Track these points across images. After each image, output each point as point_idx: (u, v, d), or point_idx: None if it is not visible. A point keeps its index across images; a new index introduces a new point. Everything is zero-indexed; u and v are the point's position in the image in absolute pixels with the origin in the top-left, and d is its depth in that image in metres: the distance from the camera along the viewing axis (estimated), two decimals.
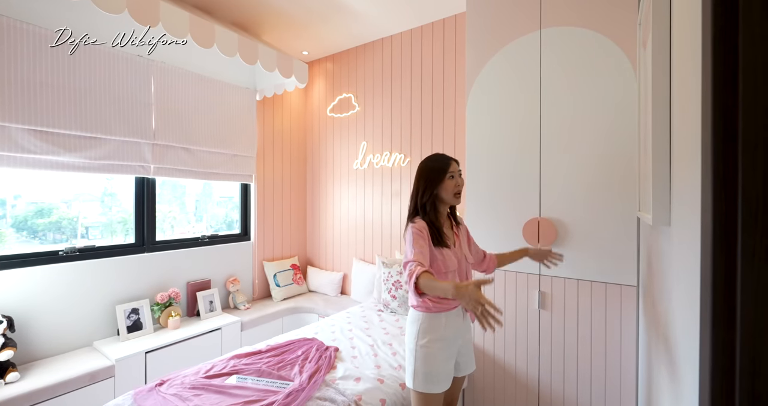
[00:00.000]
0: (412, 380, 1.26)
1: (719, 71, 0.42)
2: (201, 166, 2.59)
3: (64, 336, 1.99)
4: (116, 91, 2.13)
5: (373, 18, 2.62)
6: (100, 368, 1.83)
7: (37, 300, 1.91)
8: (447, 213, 1.40)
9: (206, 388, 1.42)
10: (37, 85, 1.85)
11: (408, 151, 2.82)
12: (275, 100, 3.20)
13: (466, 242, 1.43)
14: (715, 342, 0.42)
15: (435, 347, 1.24)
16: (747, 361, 0.40)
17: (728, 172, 0.41)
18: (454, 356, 1.31)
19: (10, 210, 2.00)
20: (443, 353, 1.26)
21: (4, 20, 1.74)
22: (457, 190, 1.32)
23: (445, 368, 1.26)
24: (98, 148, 2.08)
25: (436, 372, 1.23)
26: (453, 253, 1.32)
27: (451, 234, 1.38)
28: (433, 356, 1.24)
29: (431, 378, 1.23)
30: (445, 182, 1.31)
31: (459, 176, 1.34)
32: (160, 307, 2.31)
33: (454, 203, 1.35)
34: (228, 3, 2.38)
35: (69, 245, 2.11)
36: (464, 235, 1.44)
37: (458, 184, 1.32)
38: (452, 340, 1.29)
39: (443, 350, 1.26)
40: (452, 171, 1.32)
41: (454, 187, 1.31)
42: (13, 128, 1.79)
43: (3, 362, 1.66)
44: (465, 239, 1.43)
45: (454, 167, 1.34)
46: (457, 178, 1.33)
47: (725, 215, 0.41)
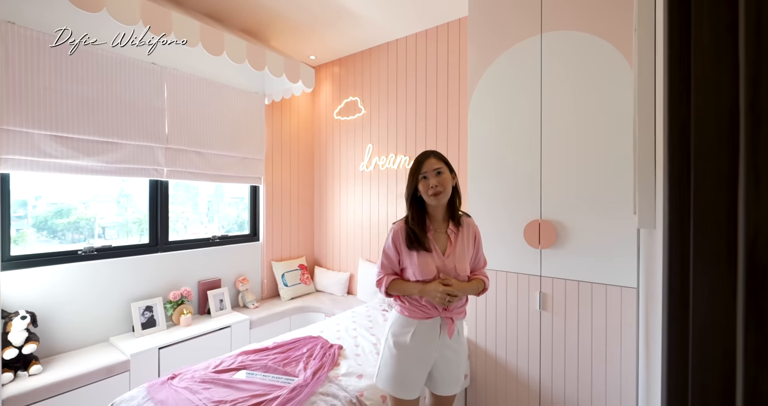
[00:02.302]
0: (376, 377, 1.30)
1: (674, 86, 0.45)
2: (212, 169, 2.68)
3: (83, 332, 2.09)
4: (131, 97, 2.23)
5: (378, 22, 2.67)
6: (116, 363, 1.92)
7: (57, 297, 2.01)
8: (445, 214, 1.32)
9: (215, 382, 1.48)
10: (58, 93, 1.95)
11: (413, 154, 2.85)
12: (283, 104, 3.28)
13: (465, 249, 1.30)
14: (670, 338, 0.45)
15: (400, 350, 1.23)
16: (699, 356, 0.43)
17: (682, 179, 0.44)
18: (426, 367, 1.25)
19: (31, 211, 2.10)
20: (408, 360, 1.23)
21: (27, 32, 1.85)
22: (431, 192, 1.24)
23: (410, 375, 1.23)
24: (115, 152, 2.18)
25: (397, 375, 1.22)
26: (432, 259, 1.25)
27: (442, 238, 1.29)
28: (395, 358, 1.23)
29: (393, 380, 1.23)
30: (419, 184, 1.26)
31: (436, 175, 1.24)
32: (172, 305, 2.40)
33: (432, 204, 1.27)
34: (237, 11, 2.46)
35: (87, 244, 2.21)
36: (466, 241, 1.31)
37: (432, 185, 1.24)
38: (422, 349, 1.24)
39: (408, 356, 1.23)
40: (424, 171, 1.25)
41: (427, 188, 1.25)
42: (35, 134, 1.89)
43: (27, 355, 1.76)
44: (466, 246, 1.30)
45: (428, 166, 1.25)
46: (431, 179, 1.24)
47: (680, 219, 0.45)
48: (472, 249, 1.33)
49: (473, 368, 2.05)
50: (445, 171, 1.26)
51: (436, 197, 1.23)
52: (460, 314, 1.31)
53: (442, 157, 1.30)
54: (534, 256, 1.83)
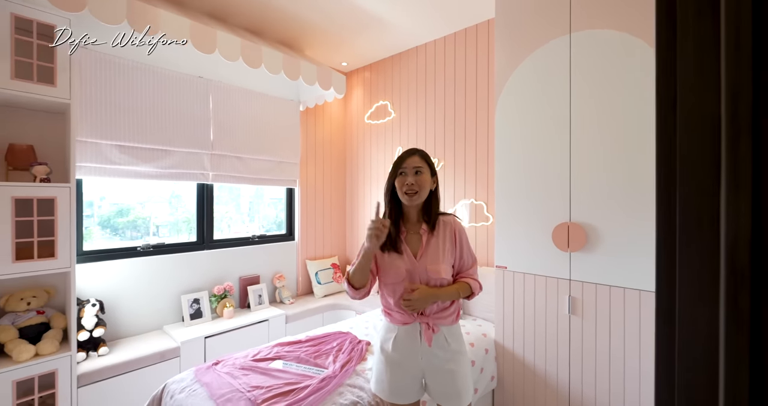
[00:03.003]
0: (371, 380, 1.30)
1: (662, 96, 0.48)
2: (251, 173, 2.87)
3: (141, 319, 2.34)
4: (182, 109, 2.46)
5: (406, 28, 2.73)
6: (169, 349, 2.13)
7: (120, 288, 2.26)
8: (419, 213, 1.25)
9: (253, 369, 1.62)
10: (121, 107, 2.20)
11: (441, 155, 2.88)
12: (317, 109, 3.43)
13: (441, 250, 1.21)
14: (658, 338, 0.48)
15: (385, 356, 1.22)
16: (684, 355, 0.46)
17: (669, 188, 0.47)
18: (414, 375, 1.21)
19: (97, 210, 2.38)
20: (393, 366, 1.20)
21: (97, 54, 2.11)
22: (405, 189, 1.18)
23: (397, 382, 1.20)
24: (167, 159, 2.41)
25: (384, 381, 1.21)
26: (402, 261, 1.20)
27: (415, 239, 1.23)
28: (382, 364, 1.23)
29: (382, 385, 1.22)
30: (397, 178, 1.21)
31: (414, 174, 1.18)
32: (216, 298, 2.61)
33: (405, 202, 1.21)
34: (275, 25, 2.63)
35: (143, 241, 2.47)
36: (441, 242, 1.22)
37: (407, 183, 1.18)
38: (404, 356, 1.19)
39: (392, 362, 1.20)
40: (405, 167, 1.20)
41: (401, 185, 1.19)
42: (102, 144, 2.15)
43: (96, 337, 2.01)
44: (441, 247, 1.22)
45: (410, 163, 1.20)
46: (409, 177, 1.18)
47: (666, 225, 0.47)
48: (451, 249, 1.24)
49: (500, 370, 2.05)
50: (425, 172, 1.20)
51: (410, 197, 1.18)
52: (442, 320, 1.21)
53: (426, 158, 1.24)
54: (563, 259, 1.80)
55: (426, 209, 1.24)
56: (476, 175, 2.67)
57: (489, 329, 2.15)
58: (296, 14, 2.49)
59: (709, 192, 0.44)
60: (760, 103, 0.40)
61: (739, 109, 0.41)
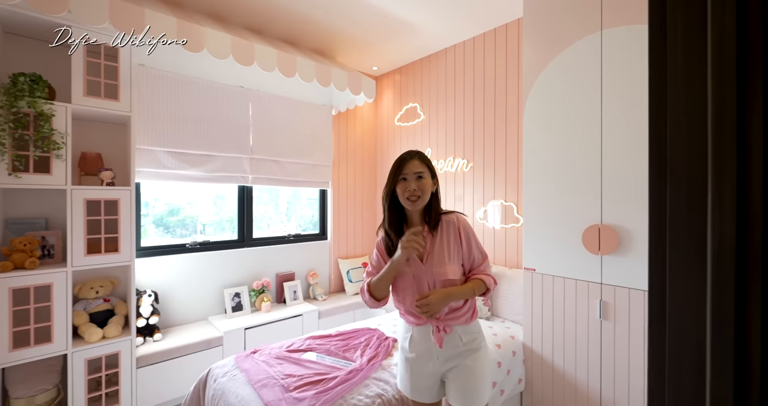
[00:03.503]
0: None
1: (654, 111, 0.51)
2: (287, 175, 3.04)
3: (188, 310, 2.57)
4: (224, 117, 2.66)
5: (435, 31, 2.76)
6: (213, 337, 2.32)
7: (171, 281, 2.50)
8: (422, 217, 1.23)
9: (286, 359, 1.74)
10: (172, 117, 2.43)
11: (471, 157, 2.88)
12: (348, 113, 3.55)
13: (446, 250, 1.20)
14: (651, 336, 0.50)
15: (404, 354, 1.25)
16: (673, 352, 0.48)
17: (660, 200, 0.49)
18: (432, 374, 1.21)
19: (151, 210, 2.64)
20: (410, 365, 1.22)
21: (152, 71, 2.34)
22: (407, 195, 1.17)
23: (414, 379, 1.22)
24: (212, 163, 2.63)
25: (406, 378, 1.24)
26: (408, 266, 1.19)
27: None
28: (403, 362, 1.25)
29: (404, 382, 1.25)
30: (398, 184, 1.19)
31: (416, 180, 1.17)
32: (255, 293, 2.79)
33: (408, 208, 1.19)
34: (308, 35, 2.77)
35: (191, 239, 2.70)
36: (446, 241, 1.21)
37: (409, 189, 1.16)
38: (420, 355, 1.21)
39: (409, 361, 1.23)
40: (405, 172, 1.17)
41: (404, 191, 1.17)
42: (157, 151, 2.39)
43: (152, 324, 2.24)
44: (446, 247, 1.20)
45: (410, 169, 1.17)
46: (411, 182, 1.17)
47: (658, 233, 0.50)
48: (457, 248, 1.21)
49: (528, 374, 2.03)
50: (427, 176, 1.19)
51: (413, 203, 1.17)
52: (455, 320, 1.20)
53: (426, 160, 1.22)
54: (593, 262, 1.75)
55: (428, 211, 1.22)
56: (506, 176, 2.65)
57: (517, 332, 2.14)
58: (329, 24, 2.61)
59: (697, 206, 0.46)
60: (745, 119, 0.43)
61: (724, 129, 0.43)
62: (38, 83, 1.77)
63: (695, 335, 0.46)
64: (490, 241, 2.74)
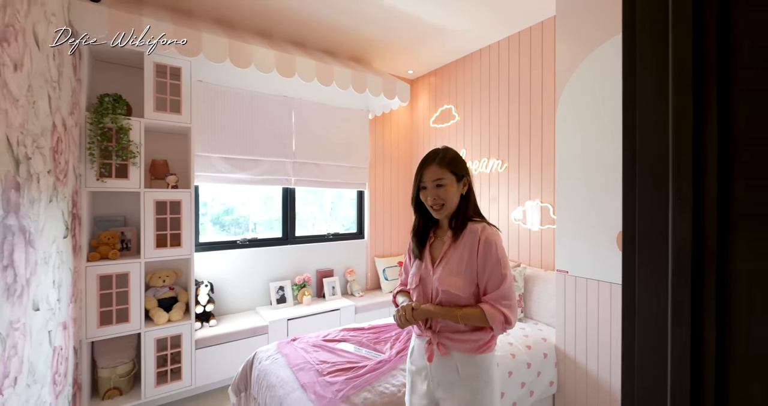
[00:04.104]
0: None
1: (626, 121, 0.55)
2: (326, 177, 3.22)
3: (238, 301, 2.84)
4: (270, 124, 2.90)
5: (467, 33, 2.78)
6: (259, 326, 2.55)
7: (224, 274, 2.78)
8: (449, 222, 1.16)
9: (322, 347, 1.89)
10: (225, 126, 2.70)
11: (505, 157, 2.86)
12: (384, 117, 3.66)
13: (460, 261, 1.08)
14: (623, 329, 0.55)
15: (407, 366, 1.22)
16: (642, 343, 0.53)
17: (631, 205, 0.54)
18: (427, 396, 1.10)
19: (209, 209, 2.95)
20: (411, 378, 1.18)
21: (208, 86, 2.63)
22: (431, 204, 1.11)
23: (412, 397, 1.15)
24: (259, 167, 2.87)
25: (407, 392, 1.20)
26: (420, 269, 1.16)
27: (440, 246, 1.16)
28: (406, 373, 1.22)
29: (406, 395, 1.20)
30: (421, 192, 1.15)
31: (435, 188, 1.09)
32: (297, 287, 3.01)
33: (435, 216, 1.14)
34: (346, 44, 2.93)
35: (243, 236, 2.98)
36: (461, 251, 1.09)
37: (429, 199, 1.10)
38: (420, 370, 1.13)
39: (410, 374, 1.18)
40: (424, 181, 1.11)
41: (425, 199, 1.12)
42: (213, 157, 2.67)
43: (208, 312, 2.52)
44: (460, 258, 1.08)
45: (429, 176, 1.10)
46: (431, 190, 1.10)
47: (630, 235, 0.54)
48: (472, 261, 1.07)
49: (561, 377, 2.00)
50: (449, 182, 1.09)
51: (436, 211, 1.11)
52: (452, 342, 1.06)
53: (449, 162, 1.10)
54: None
55: (455, 214, 1.13)
56: (542, 176, 2.60)
57: (550, 334, 2.11)
58: (364, 34, 2.75)
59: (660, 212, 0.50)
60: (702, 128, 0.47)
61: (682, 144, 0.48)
62: (119, 102, 2.09)
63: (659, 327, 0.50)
64: (526, 242, 2.71)
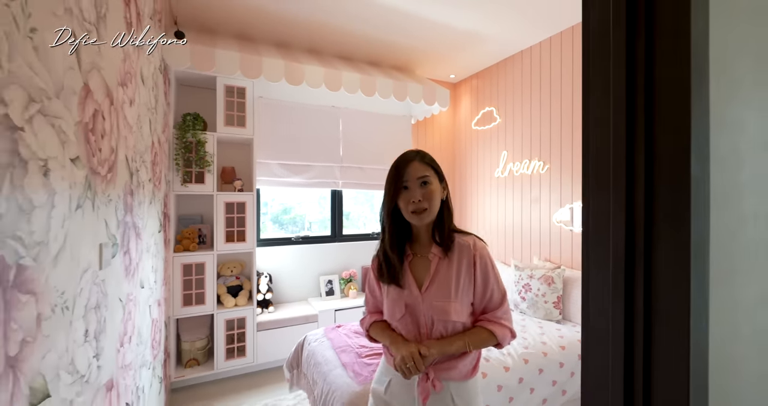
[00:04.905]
0: None
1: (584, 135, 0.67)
2: (369, 180, 3.45)
3: (293, 291, 3.17)
4: (320, 132, 3.20)
5: (506, 36, 2.82)
6: (311, 315, 2.85)
7: (281, 267, 3.13)
8: (430, 234, 0.98)
9: (362, 334, 2.10)
10: (282, 136, 3.04)
11: (547, 158, 2.85)
12: (426, 121, 3.80)
13: (453, 281, 0.93)
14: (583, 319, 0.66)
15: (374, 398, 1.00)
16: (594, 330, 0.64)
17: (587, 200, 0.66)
18: None
19: (270, 209, 3.33)
20: None
21: (268, 101, 2.99)
22: (412, 208, 0.93)
23: None
24: (310, 171, 3.18)
25: None
26: (402, 296, 0.95)
27: (423, 265, 0.97)
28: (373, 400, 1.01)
29: None
30: (400, 195, 0.95)
31: (420, 186, 0.93)
32: (344, 281, 3.27)
33: (415, 223, 0.95)
34: (389, 55, 3.12)
35: (298, 234, 3.32)
36: (455, 270, 0.94)
37: (414, 200, 0.92)
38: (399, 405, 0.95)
39: None
40: (406, 180, 0.93)
41: (407, 203, 0.93)
42: (272, 163, 3.03)
43: (267, 299, 2.87)
44: (454, 278, 0.94)
45: (412, 173, 0.93)
46: (415, 191, 0.93)
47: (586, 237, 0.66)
48: (469, 281, 0.94)
49: None
50: (433, 180, 0.96)
51: (419, 216, 0.93)
52: (448, 372, 0.93)
53: (430, 161, 0.98)
54: None
55: (438, 225, 0.98)
56: None
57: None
58: (405, 45, 2.92)
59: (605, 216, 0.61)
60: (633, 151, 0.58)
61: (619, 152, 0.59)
62: (197, 119, 2.50)
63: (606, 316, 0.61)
64: (568, 244, 2.68)
